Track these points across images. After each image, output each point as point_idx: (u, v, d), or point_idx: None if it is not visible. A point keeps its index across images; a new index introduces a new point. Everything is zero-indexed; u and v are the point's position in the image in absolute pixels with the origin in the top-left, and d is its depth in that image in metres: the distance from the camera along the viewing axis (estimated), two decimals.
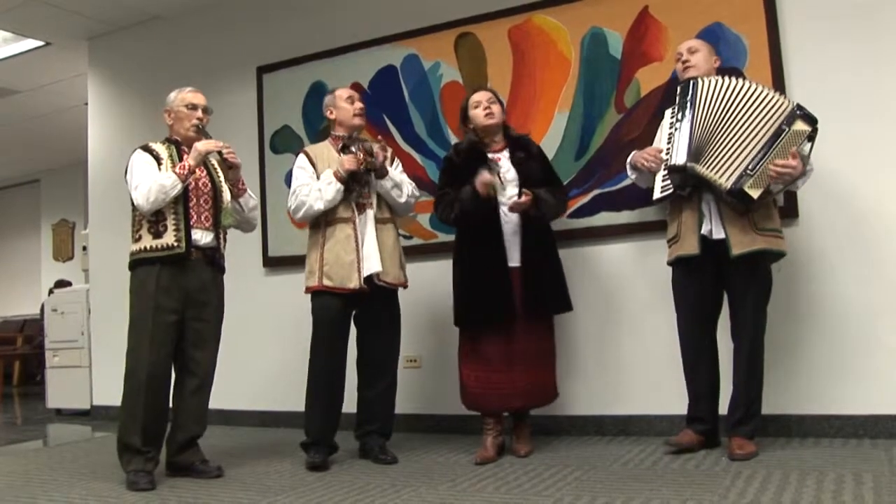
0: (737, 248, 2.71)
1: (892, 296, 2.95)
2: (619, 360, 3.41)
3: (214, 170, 3.04)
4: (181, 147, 2.97)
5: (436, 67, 3.90)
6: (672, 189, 2.83)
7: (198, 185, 2.93)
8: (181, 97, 3.00)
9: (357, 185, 3.06)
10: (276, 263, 4.30)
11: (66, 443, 4.30)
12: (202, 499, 2.63)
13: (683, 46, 2.97)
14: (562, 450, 3.12)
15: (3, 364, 7.59)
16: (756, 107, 2.71)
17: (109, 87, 5.17)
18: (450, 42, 3.86)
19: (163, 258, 2.84)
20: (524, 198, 2.97)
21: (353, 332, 3.17)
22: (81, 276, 6.22)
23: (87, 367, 5.17)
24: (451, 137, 3.79)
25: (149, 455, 2.82)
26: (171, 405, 2.94)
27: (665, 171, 2.84)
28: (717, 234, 2.76)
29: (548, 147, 3.43)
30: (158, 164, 2.88)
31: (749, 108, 2.71)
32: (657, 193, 2.88)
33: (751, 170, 2.66)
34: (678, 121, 2.81)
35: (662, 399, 3.24)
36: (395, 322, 3.19)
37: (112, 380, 3.38)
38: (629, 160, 3.05)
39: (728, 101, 2.74)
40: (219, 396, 3.19)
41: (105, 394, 4.91)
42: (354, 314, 3.14)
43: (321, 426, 3.05)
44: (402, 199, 3.17)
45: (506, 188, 3.04)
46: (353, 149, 3.07)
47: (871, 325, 2.97)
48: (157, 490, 2.75)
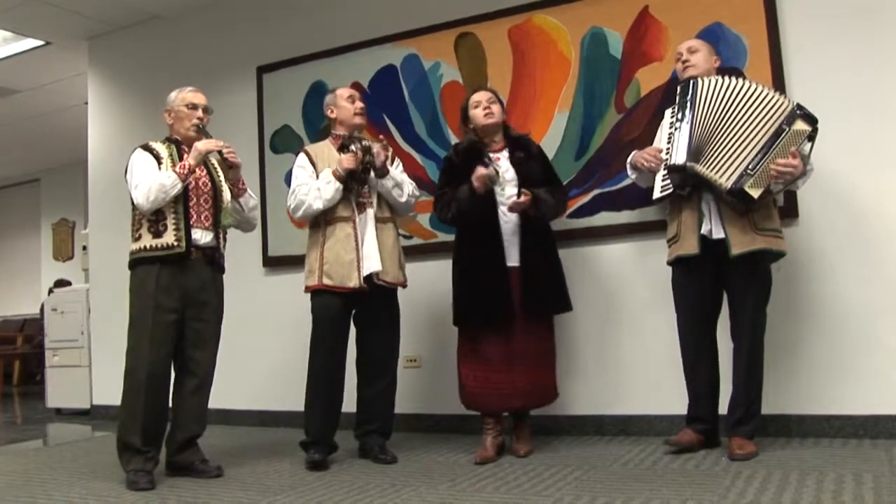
0: (736, 248, 2.71)
1: (892, 296, 2.95)
2: (619, 360, 3.41)
3: (214, 169, 3.04)
4: (181, 146, 2.97)
5: (436, 67, 3.90)
6: (672, 189, 2.83)
7: (198, 185, 2.93)
8: (181, 97, 3.00)
9: (356, 184, 3.06)
10: (276, 263, 4.30)
11: (66, 442, 4.30)
12: (202, 498, 2.63)
13: (683, 46, 2.97)
14: (562, 450, 3.12)
15: (3, 363, 7.59)
16: (756, 106, 2.71)
17: (109, 87, 5.17)
18: (450, 42, 3.86)
19: (163, 257, 2.84)
20: (523, 198, 2.97)
21: (353, 332, 3.18)
22: (81, 276, 6.22)
23: (87, 367, 5.17)
24: (451, 137, 3.79)
25: (148, 454, 2.82)
26: (171, 405, 2.94)
27: (665, 171, 2.84)
28: (717, 234, 2.76)
29: (548, 147, 3.43)
30: (158, 164, 2.88)
31: (749, 108, 2.71)
32: (657, 193, 2.88)
33: (751, 169, 2.66)
34: (678, 120, 2.81)
35: (662, 399, 3.24)
36: (395, 321, 3.19)
37: (112, 379, 3.38)
38: (629, 160, 3.05)
39: (728, 101, 2.74)
40: (218, 396, 3.19)
41: (105, 393, 4.91)
42: (354, 313, 3.14)
43: (321, 425, 3.06)
44: (403, 199, 3.17)
45: (504, 186, 3.04)
46: (353, 148, 3.08)
47: (871, 325, 2.97)
48: (157, 490, 2.74)
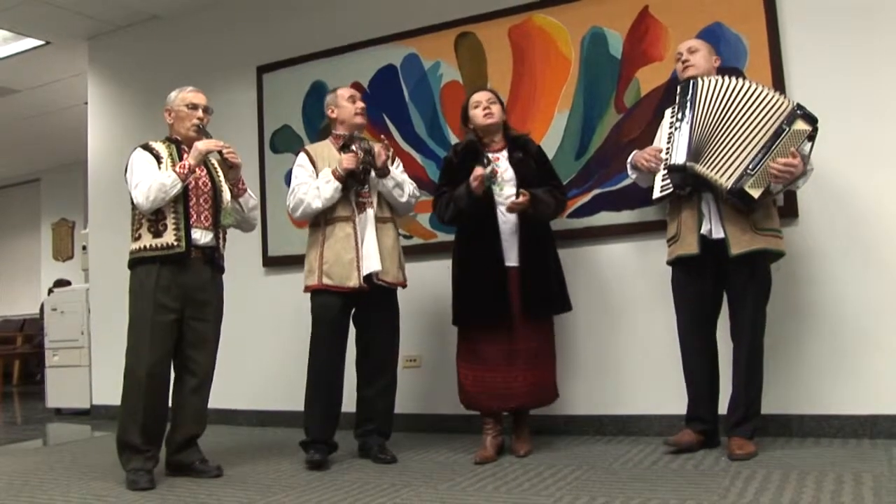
0: (736, 248, 2.71)
1: (892, 296, 2.95)
2: (619, 360, 3.41)
3: (214, 169, 3.04)
4: (181, 146, 2.97)
5: (436, 67, 3.90)
6: (672, 189, 2.83)
7: (198, 185, 2.93)
8: (182, 97, 3.00)
9: (355, 184, 3.06)
10: (276, 263, 4.30)
11: (66, 442, 4.30)
12: (201, 498, 2.63)
13: (683, 46, 2.97)
14: (561, 450, 3.12)
15: (3, 363, 7.60)
16: (756, 106, 2.71)
17: (109, 87, 5.17)
18: (450, 42, 3.86)
19: (162, 257, 2.84)
20: (521, 198, 2.97)
21: (353, 332, 3.17)
22: (81, 276, 6.22)
23: (87, 367, 5.17)
24: (451, 137, 3.79)
25: (148, 454, 2.82)
26: (171, 404, 2.94)
27: (665, 171, 2.84)
28: (717, 234, 2.76)
29: (548, 147, 3.42)
30: (158, 163, 2.88)
31: (749, 108, 2.71)
32: (657, 193, 2.88)
33: (751, 169, 2.66)
34: (678, 120, 2.81)
35: (662, 399, 3.24)
36: (395, 321, 3.19)
37: (112, 379, 3.38)
38: (629, 160, 3.05)
39: (728, 101, 2.74)
40: (218, 396, 3.19)
41: (105, 393, 4.91)
42: (354, 313, 3.14)
43: (321, 425, 3.06)
44: (404, 199, 3.17)
45: (503, 186, 3.03)
46: (353, 148, 3.08)
47: (871, 325, 2.97)
48: (157, 489, 2.74)
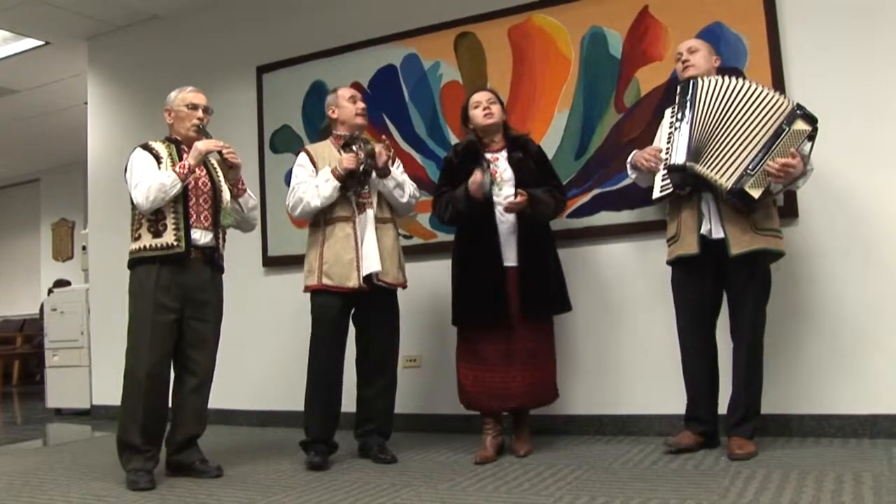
0: (736, 248, 2.71)
1: (892, 296, 2.95)
2: (619, 360, 3.41)
3: (214, 169, 3.04)
4: (181, 146, 2.97)
5: (436, 67, 3.90)
6: (672, 189, 2.83)
7: (197, 185, 2.93)
8: (182, 97, 3.00)
9: (355, 184, 3.06)
10: (276, 263, 4.30)
11: (66, 442, 4.30)
12: (201, 498, 2.63)
13: (683, 46, 2.97)
14: (561, 449, 3.12)
15: (3, 363, 7.60)
16: (756, 106, 2.71)
17: (109, 87, 5.17)
18: (449, 42, 3.86)
19: (162, 257, 2.84)
20: (519, 198, 2.97)
21: (353, 332, 3.17)
22: (81, 276, 6.22)
23: (87, 367, 5.17)
24: (451, 137, 3.79)
25: (149, 454, 2.82)
26: (171, 404, 2.94)
27: (665, 171, 2.84)
28: (717, 234, 2.76)
29: (547, 147, 3.42)
30: (158, 163, 2.88)
31: (749, 108, 2.71)
32: (657, 193, 2.88)
33: (751, 169, 2.66)
34: (678, 120, 2.81)
35: (662, 399, 3.24)
36: (395, 321, 3.19)
37: (112, 379, 3.38)
38: (629, 160, 3.05)
39: (728, 101, 2.74)
40: (218, 396, 3.19)
41: (105, 393, 4.91)
42: (354, 313, 3.14)
43: (321, 425, 3.05)
44: (404, 200, 3.17)
45: (502, 186, 3.04)
46: (354, 148, 3.08)
47: (871, 325, 2.97)
48: (157, 489, 2.74)
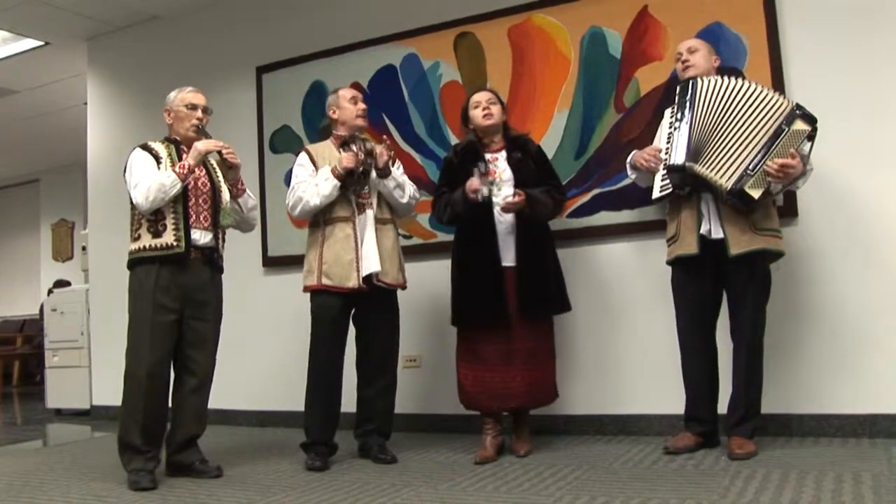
0: (735, 248, 2.71)
1: (892, 296, 2.95)
2: (619, 360, 3.41)
3: (214, 170, 3.04)
4: (180, 146, 2.97)
5: (435, 67, 3.90)
6: (671, 189, 2.83)
7: (197, 185, 2.93)
8: (181, 97, 3.00)
9: (354, 184, 3.06)
10: (276, 263, 4.30)
11: (66, 443, 4.30)
12: (201, 498, 2.63)
13: (683, 46, 2.97)
14: (561, 449, 3.12)
15: (3, 364, 7.59)
16: (755, 106, 2.71)
17: (109, 87, 5.17)
18: (449, 41, 3.86)
19: (162, 257, 2.84)
20: (516, 198, 2.97)
21: (353, 332, 3.17)
22: (81, 276, 6.22)
23: (87, 367, 5.17)
24: (451, 137, 3.79)
25: (150, 454, 2.82)
26: (171, 404, 2.94)
27: (664, 171, 2.84)
28: (716, 234, 2.76)
29: (547, 146, 3.42)
30: (157, 164, 2.88)
31: (748, 108, 2.71)
32: (656, 193, 2.88)
33: (751, 170, 2.66)
34: (677, 120, 2.81)
35: (662, 399, 3.24)
36: (395, 321, 3.19)
37: (112, 380, 3.38)
38: (629, 160, 3.05)
39: (727, 101, 2.74)
40: (218, 396, 3.19)
41: (105, 394, 4.91)
42: (353, 313, 3.14)
43: (321, 425, 3.05)
44: (405, 200, 3.17)
45: (501, 186, 3.03)
46: (353, 147, 3.07)
47: (871, 325, 2.97)
48: (157, 490, 2.74)
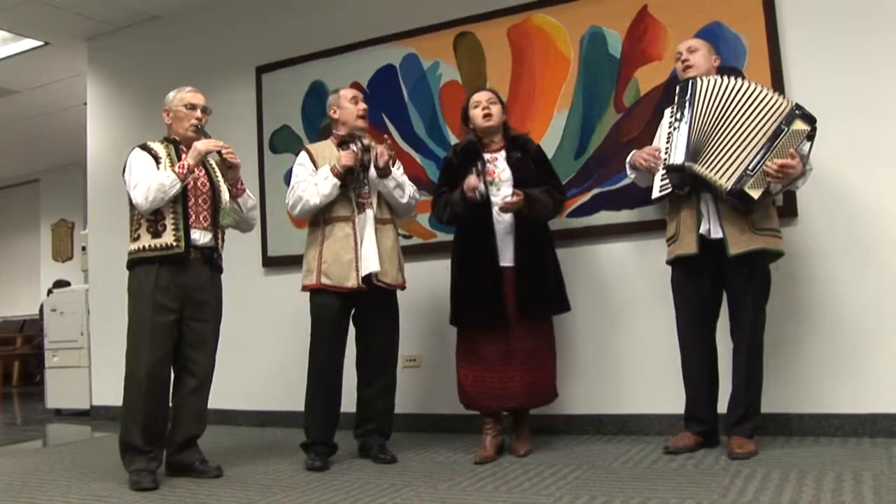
0: (735, 248, 2.71)
1: (892, 295, 2.95)
2: (619, 360, 3.41)
3: (213, 170, 3.04)
4: (180, 146, 2.97)
5: (435, 67, 3.90)
6: (671, 188, 2.83)
7: (196, 185, 2.93)
8: (180, 97, 3.00)
9: (354, 182, 3.06)
10: (276, 263, 4.30)
11: (66, 443, 4.30)
12: (201, 498, 2.63)
13: (683, 46, 2.97)
14: (561, 449, 3.12)
15: (3, 364, 7.59)
16: (755, 106, 2.71)
17: (108, 87, 5.17)
18: (449, 41, 3.86)
19: (161, 258, 2.84)
20: (515, 198, 2.97)
21: (353, 332, 3.17)
22: (81, 277, 6.22)
23: (87, 367, 5.17)
24: (451, 137, 3.79)
25: (151, 455, 2.82)
26: (171, 404, 2.94)
27: (664, 171, 2.84)
28: (716, 234, 2.76)
29: (547, 146, 3.42)
30: (157, 164, 2.88)
31: (748, 108, 2.71)
32: (656, 193, 2.88)
33: (751, 170, 2.66)
34: (677, 120, 2.81)
35: (661, 398, 3.24)
36: (394, 321, 3.19)
37: (112, 380, 3.38)
38: (628, 159, 3.05)
39: (727, 101, 2.74)
40: (218, 396, 3.19)
41: (104, 394, 4.91)
42: (353, 313, 3.14)
43: (321, 426, 3.05)
44: (404, 200, 3.17)
45: (500, 186, 3.04)
46: (352, 146, 3.08)
47: (871, 325, 2.97)
48: (157, 490, 2.74)
